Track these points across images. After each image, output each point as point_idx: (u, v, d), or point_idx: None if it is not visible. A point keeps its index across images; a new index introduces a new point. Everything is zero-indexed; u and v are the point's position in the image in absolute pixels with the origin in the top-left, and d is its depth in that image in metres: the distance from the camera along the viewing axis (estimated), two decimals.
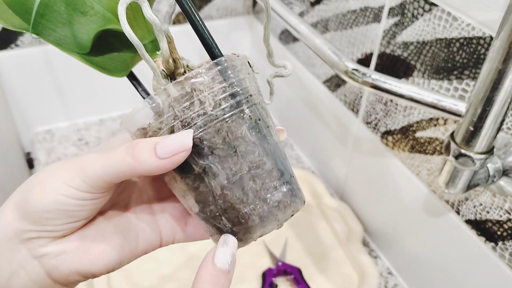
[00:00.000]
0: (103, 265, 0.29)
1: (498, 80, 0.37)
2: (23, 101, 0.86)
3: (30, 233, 0.27)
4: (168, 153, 0.26)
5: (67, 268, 0.28)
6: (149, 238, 0.32)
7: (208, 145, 0.27)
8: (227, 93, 0.28)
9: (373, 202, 0.69)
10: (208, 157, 0.27)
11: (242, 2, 0.92)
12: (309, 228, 0.73)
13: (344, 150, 0.73)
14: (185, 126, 0.27)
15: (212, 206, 0.28)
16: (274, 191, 0.29)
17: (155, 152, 0.26)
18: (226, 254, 0.27)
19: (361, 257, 0.66)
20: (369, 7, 0.59)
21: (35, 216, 0.27)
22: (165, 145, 0.26)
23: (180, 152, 0.26)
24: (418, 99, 0.44)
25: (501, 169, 0.45)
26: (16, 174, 0.87)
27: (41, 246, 0.28)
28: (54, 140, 0.88)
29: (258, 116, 0.29)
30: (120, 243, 0.31)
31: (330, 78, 0.72)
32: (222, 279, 0.26)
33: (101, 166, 0.27)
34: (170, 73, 0.30)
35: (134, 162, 0.26)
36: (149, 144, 0.26)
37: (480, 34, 0.45)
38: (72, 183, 0.27)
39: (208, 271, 0.26)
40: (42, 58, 0.82)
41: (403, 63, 0.56)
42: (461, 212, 0.53)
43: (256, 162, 0.28)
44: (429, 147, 0.55)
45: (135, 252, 0.32)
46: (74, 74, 0.86)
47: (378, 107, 0.62)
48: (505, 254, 0.48)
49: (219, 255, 0.26)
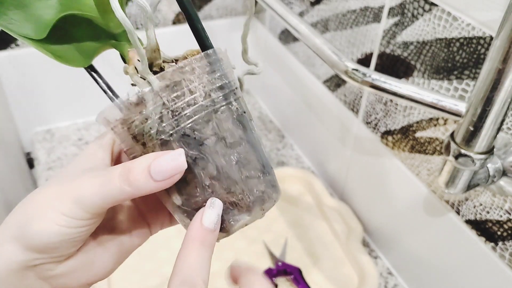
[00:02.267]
0: (107, 272, 0.32)
1: (498, 80, 0.37)
2: (23, 101, 0.86)
3: (36, 261, 0.28)
4: (165, 177, 0.27)
5: (76, 283, 0.30)
6: (141, 234, 0.34)
7: (198, 136, 0.27)
8: (216, 85, 0.28)
9: (373, 202, 0.69)
10: (198, 147, 0.28)
11: (242, 2, 0.92)
12: (309, 228, 0.73)
13: (344, 150, 0.73)
14: (175, 115, 0.27)
15: (199, 197, 0.29)
16: (258, 182, 0.29)
17: (151, 176, 0.27)
18: (212, 215, 0.28)
19: (361, 257, 0.66)
20: (369, 7, 0.59)
21: (40, 248, 0.27)
22: (160, 169, 0.27)
23: (175, 174, 0.27)
24: (418, 99, 0.44)
25: (501, 169, 0.45)
26: (16, 174, 0.87)
27: (48, 270, 0.28)
28: (54, 140, 0.88)
29: (243, 109, 0.30)
30: (118, 247, 0.32)
31: (330, 78, 0.72)
32: (209, 237, 0.28)
33: (97, 194, 0.27)
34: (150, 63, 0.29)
35: (132, 189, 0.27)
36: (143, 168, 0.27)
37: (480, 34, 0.45)
38: (70, 213, 0.27)
39: (197, 230, 0.28)
40: (42, 58, 0.82)
41: (403, 63, 0.56)
42: (461, 212, 0.53)
43: (243, 153, 0.29)
44: (429, 147, 0.55)
45: (132, 249, 0.34)
46: (74, 73, 0.86)
47: (378, 107, 0.62)
48: (505, 254, 0.48)
49: (206, 215, 0.28)
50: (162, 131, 0.27)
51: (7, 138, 0.84)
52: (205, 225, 0.28)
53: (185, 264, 0.27)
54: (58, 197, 0.27)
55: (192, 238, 0.28)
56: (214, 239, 0.29)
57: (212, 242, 0.29)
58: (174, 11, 0.87)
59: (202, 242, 0.28)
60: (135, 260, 0.66)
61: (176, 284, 0.27)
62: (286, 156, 0.88)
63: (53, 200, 0.27)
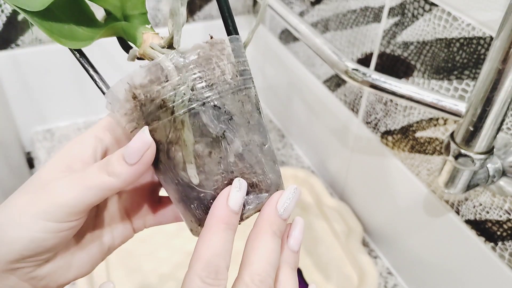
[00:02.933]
0: (86, 271, 0.31)
1: (498, 80, 0.37)
2: (23, 101, 0.86)
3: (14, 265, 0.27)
4: (136, 157, 0.27)
5: (56, 283, 0.29)
6: (123, 233, 0.33)
7: (227, 110, 0.28)
8: (240, 68, 0.29)
9: (373, 202, 0.69)
10: (227, 122, 0.28)
11: (242, 1, 0.92)
12: (309, 228, 0.73)
13: (344, 150, 0.73)
14: (206, 87, 0.27)
15: (220, 175, 0.28)
16: (274, 166, 0.30)
17: (126, 162, 0.27)
18: (239, 197, 0.27)
19: (361, 257, 0.66)
20: (369, 7, 0.59)
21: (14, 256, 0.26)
22: (130, 151, 0.27)
23: (145, 150, 0.27)
24: (418, 99, 0.44)
25: (501, 169, 0.45)
26: (16, 173, 0.87)
27: (28, 272, 0.28)
28: (54, 140, 0.88)
29: (258, 99, 0.30)
30: (98, 248, 0.32)
31: (330, 78, 0.72)
32: (233, 219, 0.27)
33: (79, 192, 0.27)
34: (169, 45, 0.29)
35: (112, 178, 0.27)
36: (117, 156, 0.27)
37: (480, 34, 0.45)
38: (48, 217, 0.26)
39: (222, 211, 0.27)
40: (42, 58, 0.82)
41: (403, 63, 0.56)
42: (461, 212, 0.53)
43: (263, 137, 0.29)
44: (429, 147, 0.55)
45: (112, 248, 0.33)
46: (74, 73, 0.86)
47: (378, 107, 0.62)
48: (505, 254, 0.48)
49: (233, 197, 0.27)
50: (194, 99, 0.27)
51: (7, 137, 0.84)
52: (230, 206, 0.27)
53: (209, 246, 0.26)
54: (34, 202, 0.27)
55: (217, 219, 0.27)
56: (237, 223, 0.28)
57: (236, 225, 0.27)
58: None
59: (228, 224, 0.27)
60: (135, 260, 0.66)
61: (199, 268, 0.26)
62: (286, 156, 0.88)
63: (29, 206, 0.26)
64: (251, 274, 0.26)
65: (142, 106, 0.27)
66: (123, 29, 0.30)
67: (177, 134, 0.27)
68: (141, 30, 0.29)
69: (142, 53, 0.29)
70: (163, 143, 0.28)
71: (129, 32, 0.30)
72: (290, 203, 0.29)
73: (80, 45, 0.29)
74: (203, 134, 0.27)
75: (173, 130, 0.27)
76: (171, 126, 0.27)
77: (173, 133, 0.27)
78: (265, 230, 0.28)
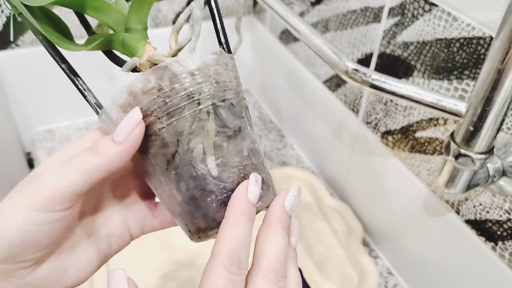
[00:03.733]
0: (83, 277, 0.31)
1: (498, 80, 0.37)
2: (24, 101, 0.86)
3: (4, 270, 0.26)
4: (125, 134, 0.27)
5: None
6: (121, 238, 0.33)
7: (239, 110, 0.30)
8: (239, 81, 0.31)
9: (373, 202, 0.69)
10: (241, 119, 0.30)
11: (243, 2, 0.92)
12: (309, 228, 0.73)
13: (344, 150, 0.73)
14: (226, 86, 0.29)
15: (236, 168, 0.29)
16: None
17: (114, 141, 0.27)
18: (256, 190, 0.29)
19: (361, 257, 0.66)
20: (369, 7, 0.59)
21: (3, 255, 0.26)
22: (119, 129, 0.27)
23: (134, 127, 0.27)
24: (418, 99, 0.44)
25: (501, 169, 0.45)
26: (16, 174, 0.87)
27: (20, 277, 0.27)
28: (55, 140, 0.88)
29: None
30: (94, 253, 0.31)
31: (330, 78, 0.72)
32: (252, 211, 0.28)
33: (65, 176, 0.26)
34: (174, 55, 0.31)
35: (100, 157, 0.26)
36: (106, 138, 0.27)
37: (480, 34, 0.45)
38: (35, 206, 0.26)
39: (243, 203, 0.28)
40: (42, 58, 0.82)
41: (403, 63, 0.56)
42: (461, 212, 0.53)
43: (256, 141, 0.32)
44: (429, 147, 0.55)
45: (109, 254, 0.33)
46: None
47: (378, 107, 0.62)
48: (505, 254, 0.48)
49: (252, 189, 0.28)
50: (216, 95, 0.29)
51: (7, 138, 0.84)
52: (250, 199, 0.28)
53: (232, 237, 0.27)
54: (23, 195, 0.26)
55: (238, 211, 0.27)
56: (255, 215, 0.29)
57: (254, 217, 0.28)
58: (174, 11, 0.87)
59: (248, 215, 0.28)
60: (135, 260, 0.66)
61: (223, 257, 0.26)
62: (286, 156, 0.88)
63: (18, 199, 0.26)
64: (268, 263, 0.28)
65: (166, 98, 0.28)
66: (123, 41, 0.31)
67: (200, 125, 0.28)
68: (142, 42, 0.31)
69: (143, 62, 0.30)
70: (184, 134, 0.28)
71: (129, 43, 0.31)
72: (295, 201, 0.30)
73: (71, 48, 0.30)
74: (224, 126, 0.29)
75: (198, 120, 0.28)
76: (196, 116, 0.28)
77: (197, 122, 0.28)
78: (276, 225, 0.29)
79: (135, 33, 0.31)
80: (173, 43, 0.31)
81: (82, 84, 0.31)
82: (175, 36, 0.31)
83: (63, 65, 0.31)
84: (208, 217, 0.29)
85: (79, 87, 0.31)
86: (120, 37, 0.31)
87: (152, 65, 0.30)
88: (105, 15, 0.30)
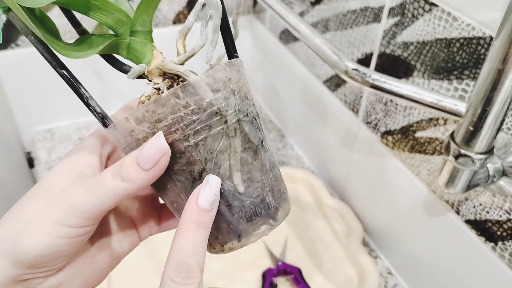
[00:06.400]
0: (97, 281, 0.31)
1: (498, 80, 0.37)
2: (23, 101, 0.86)
3: (25, 276, 0.27)
4: (152, 163, 0.27)
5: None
6: (131, 241, 0.34)
7: (259, 122, 0.30)
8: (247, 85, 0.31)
9: (373, 202, 0.69)
10: (261, 132, 0.30)
11: (243, 2, 0.92)
12: (309, 228, 0.73)
13: (344, 150, 0.73)
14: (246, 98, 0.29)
15: (260, 182, 0.29)
16: None
17: (140, 167, 0.27)
18: (209, 194, 0.27)
19: (361, 257, 0.66)
20: (369, 7, 0.59)
21: (29, 263, 0.27)
22: (146, 157, 0.27)
23: (161, 156, 0.27)
24: (418, 99, 0.44)
25: (501, 169, 0.45)
26: (16, 173, 0.87)
27: (39, 284, 0.28)
28: (55, 139, 0.88)
29: None
30: (108, 257, 0.32)
31: (330, 78, 0.72)
32: (204, 218, 0.27)
33: (96, 199, 0.27)
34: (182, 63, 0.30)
35: (127, 184, 0.27)
36: (131, 161, 0.27)
37: (480, 34, 0.45)
38: (65, 222, 0.27)
39: (191, 211, 0.27)
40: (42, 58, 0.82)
41: (403, 63, 0.56)
42: (461, 212, 0.53)
43: None
44: (429, 147, 0.55)
45: (121, 256, 0.34)
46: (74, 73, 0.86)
47: (378, 107, 0.62)
48: (505, 254, 0.48)
49: (202, 196, 0.27)
50: (241, 110, 0.28)
51: (7, 137, 0.84)
52: (200, 205, 0.27)
53: (179, 247, 0.27)
54: (50, 208, 0.27)
55: (186, 220, 0.27)
56: (211, 221, 0.28)
57: (208, 223, 0.28)
58: (174, 11, 0.87)
59: (197, 223, 0.27)
60: (135, 260, 0.66)
61: (171, 269, 0.26)
62: (286, 156, 0.88)
63: (45, 212, 0.27)
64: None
65: (193, 115, 0.27)
66: (129, 45, 0.29)
67: (228, 142, 0.28)
68: (150, 47, 0.29)
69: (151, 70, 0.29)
70: (213, 151, 0.28)
71: (136, 47, 0.29)
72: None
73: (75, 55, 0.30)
74: (248, 141, 0.28)
75: (226, 138, 0.28)
76: (223, 134, 0.28)
77: (225, 140, 0.28)
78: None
79: (141, 36, 0.29)
80: (181, 47, 0.29)
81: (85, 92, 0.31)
82: (182, 41, 0.29)
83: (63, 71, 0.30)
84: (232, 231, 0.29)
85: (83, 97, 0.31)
86: (126, 40, 0.29)
87: (161, 72, 0.29)
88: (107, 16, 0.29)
